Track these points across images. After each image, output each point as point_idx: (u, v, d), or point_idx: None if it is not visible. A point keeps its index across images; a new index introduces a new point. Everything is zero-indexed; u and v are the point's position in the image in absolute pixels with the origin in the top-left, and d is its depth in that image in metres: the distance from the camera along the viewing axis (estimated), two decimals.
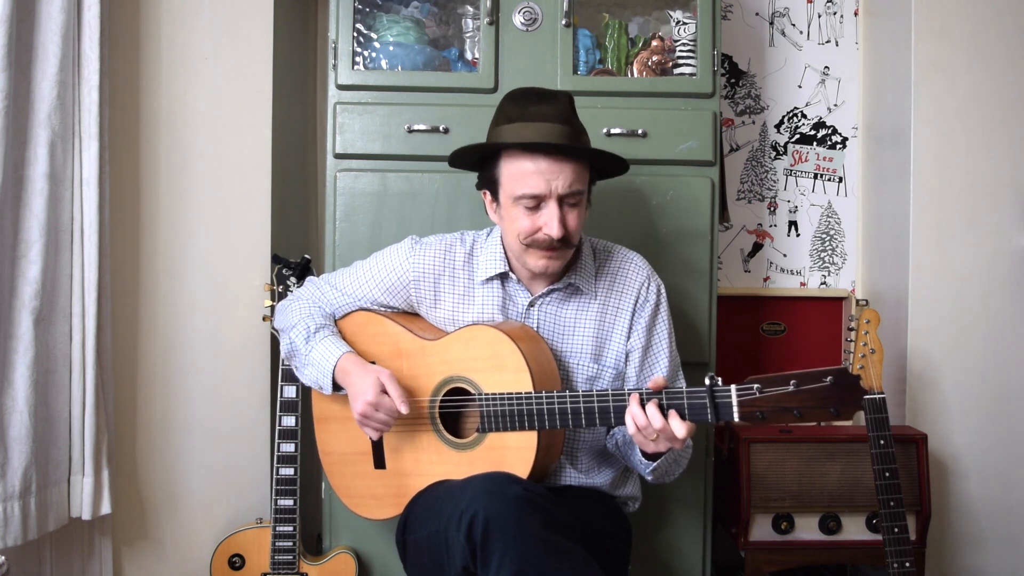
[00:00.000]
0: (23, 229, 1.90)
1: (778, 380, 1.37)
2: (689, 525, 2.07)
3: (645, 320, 1.70)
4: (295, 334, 1.70)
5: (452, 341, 1.65)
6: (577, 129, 1.59)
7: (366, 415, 1.58)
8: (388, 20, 2.13)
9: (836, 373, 1.34)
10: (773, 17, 2.63)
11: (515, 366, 1.55)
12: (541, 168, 1.54)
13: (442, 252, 1.72)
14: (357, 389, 1.60)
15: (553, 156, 1.54)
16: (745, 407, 1.39)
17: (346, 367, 1.63)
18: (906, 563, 1.89)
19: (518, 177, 1.56)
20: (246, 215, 2.25)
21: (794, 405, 1.36)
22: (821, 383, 1.35)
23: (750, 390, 1.39)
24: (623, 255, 1.75)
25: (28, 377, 1.89)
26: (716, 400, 1.41)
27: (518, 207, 1.58)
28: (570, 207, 1.58)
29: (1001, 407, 2.33)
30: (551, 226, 1.55)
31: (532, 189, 1.55)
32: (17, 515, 1.87)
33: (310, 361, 1.68)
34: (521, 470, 1.54)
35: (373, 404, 1.56)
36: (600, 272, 1.72)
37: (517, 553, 1.31)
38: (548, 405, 1.52)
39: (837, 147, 2.64)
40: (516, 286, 1.70)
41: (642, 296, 1.70)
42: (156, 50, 2.21)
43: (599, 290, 1.71)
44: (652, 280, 1.72)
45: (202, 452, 2.25)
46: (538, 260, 1.60)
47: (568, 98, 1.62)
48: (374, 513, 1.74)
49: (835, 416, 1.35)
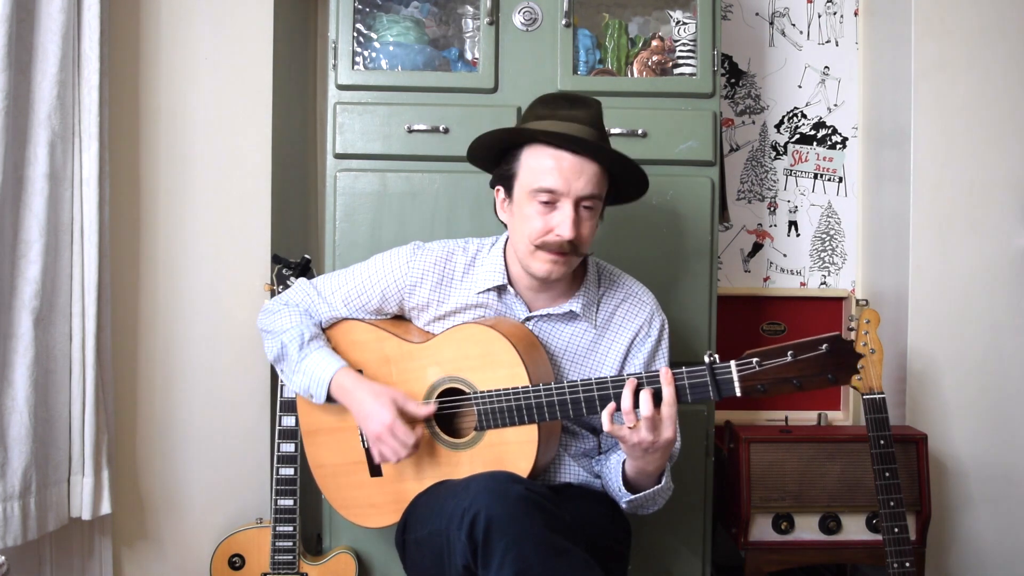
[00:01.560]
0: (23, 229, 1.90)
1: (775, 352, 1.38)
2: (689, 525, 2.07)
3: (644, 355, 1.68)
4: (287, 338, 1.67)
5: (441, 342, 1.63)
6: (604, 136, 1.59)
7: (381, 438, 1.56)
8: (388, 20, 2.13)
9: (831, 340, 1.36)
10: (773, 17, 2.63)
11: (509, 362, 1.54)
12: (563, 165, 1.52)
13: (443, 258, 1.70)
14: (367, 409, 1.58)
15: (578, 154, 1.53)
16: (746, 381, 1.39)
17: (345, 383, 1.61)
18: (906, 563, 1.89)
19: (538, 170, 1.54)
20: (246, 215, 2.24)
21: (793, 375, 1.37)
22: (817, 351, 1.36)
23: (749, 364, 1.39)
24: (628, 288, 1.71)
25: (28, 377, 1.89)
26: (717, 376, 1.41)
27: (533, 204, 1.55)
28: (585, 212, 1.56)
29: (1001, 407, 2.33)
30: (564, 226, 1.52)
31: (551, 184, 1.53)
32: (17, 515, 1.87)
33: (301, 369, 1.65)
34: (524, 464, 1.54)
35: (390, 426, 1.55)
36: (603, 301, 1.69)
37: (518, 552, 1.31)
38: (547, 397, 1.51)
39: (837, 147, 2.64)
40: (514, 299, 1.67)
41: (643, 332, 1.68)
42: (156, 50, 2.21)
43: (599, 320, 1.68)
44: (656, 317, 1.69)
45: (202, 452, 2.25)
46: (544, 264, 1.57)
47: (598, 105, 1.61)
48: (374, 522, 1.71)
49: (833, 383, 1.36)
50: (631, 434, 1.45)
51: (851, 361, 1.35)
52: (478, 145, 1.65)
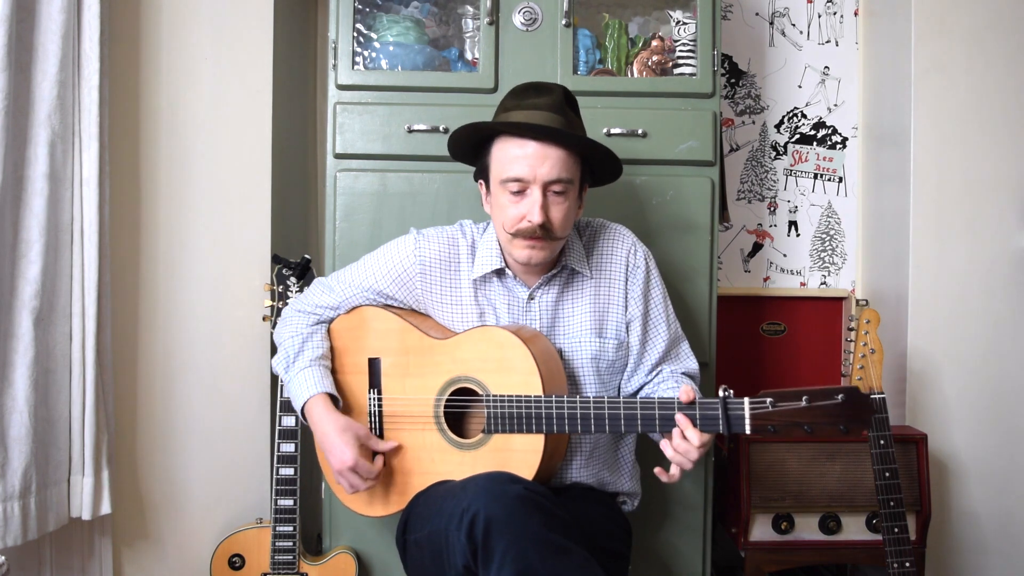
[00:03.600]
0: (23, 229, 1.90)
1: (791, 395, 1.39)
2: (689, 525, 2.07)
3: (639, 288, 1.72)
4: (283, 353, 1.74)
5: (461, 341, 1.65)
6: (570, 120, 1.61)
7: (342, 473, 1.62)
8: (388, 20, 2.13)
9: (848, 392, 1.37)
10: (773, 17, 2.63)
11: (525, 369, 1.55)
12: (528, 153, 1.56)
13: (446, 244, 1.73)
14: (331, 444, 1.62)
15: (541, 141, 1.56)
16: (757, 420, 1.41)
17: (314, 412, 1.66)
18: (906, 563, 1.89)
19: (505, 161, 1.59)
20: (246, 215, 2.25)
21: (805, 421, 1.39)
22: (832, 400, 1.38)
23: (763, 404, 1.40)
24: (606, 229, 1.76)
25: (28, 377, 1.89)
26: (729, 412, 1.43)
27: (505, 194, 1.60)
28: (555, 196, 1.59)
29: (1001, 407, 2.33)
30: (533, 212, 1.56)
31: (517, 172, 1.57)
32: (17, 515, 1.86)
33: (289, 389, 1.73)
34: (526, 472, 1.54)
35: (351, 466, 1.60)
36: (590, 250, 1.74)
37: (518, 552, 1.31)
38: (558, 409, 1.52)
39: (837, 147, 2.64)
40: (513, 281, 1.70)
41: (631, 263, 1.72)
42: (156, 50, 2.21)
43: (592, 268, 1.73)
44: (637, 247, 1.74)
45: (202, 452, 2.25)
46: (522, 250, 1.61)
47: (563, 90, 1.64)
48: (372, 510, 1.73)
49: (844, 433, 1.38)
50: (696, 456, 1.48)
51: (865, 415, 1.37)
52: (454, 143, 1.69)
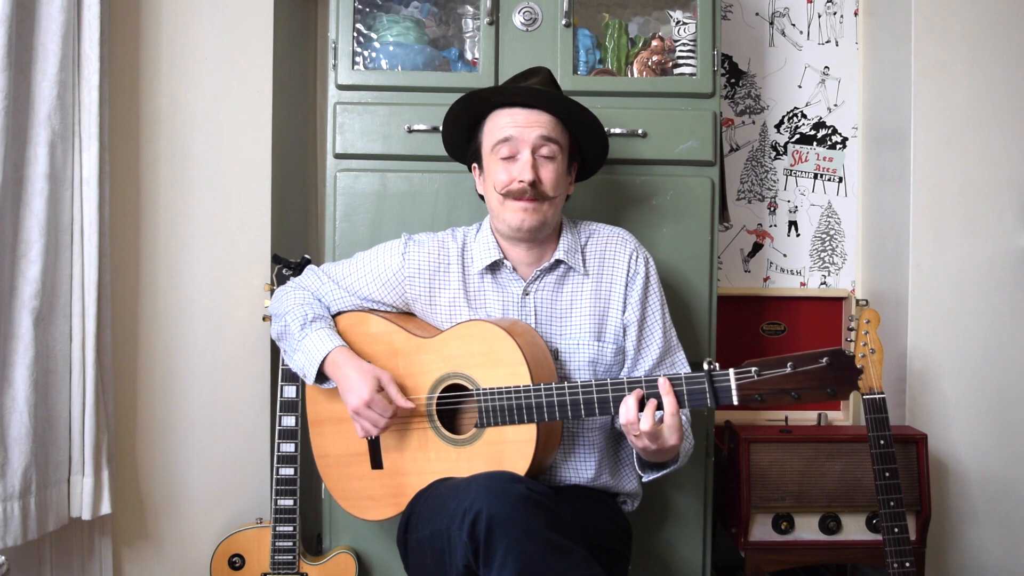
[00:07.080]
0: (23, 229, 1.90)
1: (775, 363, 1.39)
2: (689, 525, 2.07)
3: (638, 293, 1.72)
4: (291, 318, 1.73)
5: (447, 338, 1.65)
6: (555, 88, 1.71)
7: (359, 411, 1.61)
8: (388, 20, 2.13)
9: (832, 354, 1.37)
10: (773, 17, 2.63)
11: (512, 360, 1.56)
12: (517, 119, 1.66)
13: (436, 248, 1.75)
14: (350, 383, 1.61)
15: (528, 107, 1.65)
16: (744, 390, 1.41)
17: (338, 360, 1.65)
18: (906, 563, 1.89)
19: (495, 128, 1.67)
20: (246, 215, 2.24)
21: (791, 387, 1.38)
22: (817, 364, 1.37)
23: (748, 373, 1.40)
24: (607, 231, 1.78)
25: (28, 377, 1.89)
26: (715, 384, 1.43)
27: (497, 161, 1.66)
28: (544, 159, 1.65)
29: (1001, 407, 2.33)
30: (524, 171, 1.62)
31: (507, 133, 1.65)
32: (17, 515, 1.86)
33: (301, 348, 1.70)
34: (521, 463, 1.55)
35: (367, 401, 1.59)
36: (588, 248, 1.75)
37: (520, 552, 1.31)
38: (547, 397, 1.53)
39: (837, 147, 2.64)
40: (510, 275, 1.72)
41: (632, 268, 1.73)
42: (156, 50, 2.21)
43: (590, 268, 1.73)
44: (639, 252, 1.75)
45: (202, 452, 2.25)
46: (515, 213, 1.64)
47: (548, 72, 1.74)
48: (372, 514, 1.73)
49: (832, 397, 1.37)
50: (636, 440, 1.50)
51: (851, 376, 1.36)
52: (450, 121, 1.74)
